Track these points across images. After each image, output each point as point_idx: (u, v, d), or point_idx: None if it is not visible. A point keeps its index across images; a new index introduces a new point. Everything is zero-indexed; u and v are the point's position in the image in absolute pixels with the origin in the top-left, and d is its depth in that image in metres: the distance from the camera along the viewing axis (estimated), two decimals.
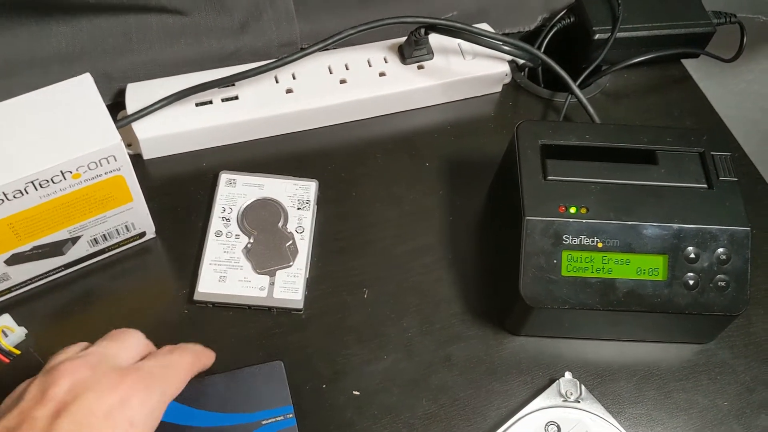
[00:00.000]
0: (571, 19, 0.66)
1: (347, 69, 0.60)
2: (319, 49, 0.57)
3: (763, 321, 0.54)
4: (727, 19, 0.68)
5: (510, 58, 0.62)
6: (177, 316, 0.51)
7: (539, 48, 0.65)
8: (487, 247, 0.56)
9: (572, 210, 0.48)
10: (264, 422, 0.45)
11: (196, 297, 0.51)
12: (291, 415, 0.46)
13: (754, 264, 0.56)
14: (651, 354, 0.52)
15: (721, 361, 0.52)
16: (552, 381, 0.50)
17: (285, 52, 0.59)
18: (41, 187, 0.43)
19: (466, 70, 0.61)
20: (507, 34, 0.66)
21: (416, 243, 0.55)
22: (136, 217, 0.51)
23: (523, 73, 0.66)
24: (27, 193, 0.43)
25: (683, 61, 0.69)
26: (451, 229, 0.56)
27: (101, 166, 0.44)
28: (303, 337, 0.51)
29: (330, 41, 0.57)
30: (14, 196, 0.43)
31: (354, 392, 0.49)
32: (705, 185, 0.50)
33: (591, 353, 0.52)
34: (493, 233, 0.56)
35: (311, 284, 0.53)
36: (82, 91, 0.45)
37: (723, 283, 0.48)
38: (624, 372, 0.51)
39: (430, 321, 0.52)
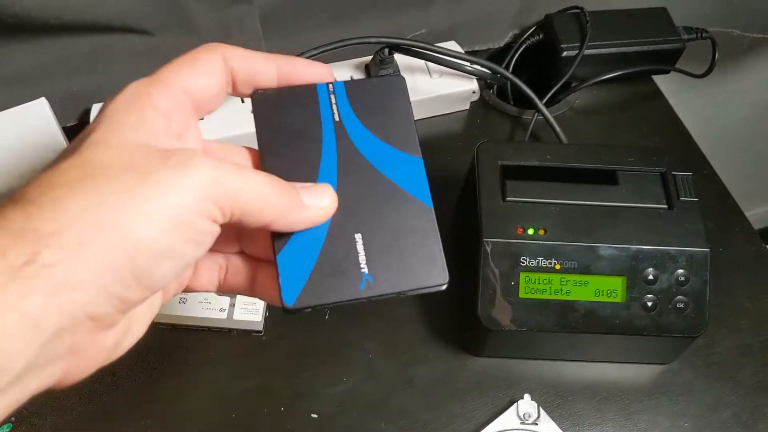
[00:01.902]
0: (540, 36, 0.66)
1: None
2: None
3: (726, 341, 0.54)
4: (698, 35, 0.68)
5: (477, 76, 0.62)
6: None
7: (508, 65, 0.65)
8: (451, 268, 0.55)
9: (530, 231, 0.48)
10: None
11: (156, 319, 0.51)
12: None
13: (719, 282, 0.56)
14: (612, 374, 0.52)
15: (684, 381, 0.52)
16: (512, 403, 0.49)
17: None
18: None
19: (433, 88, 0.61)
20: (476, 52, 0.67)
21: None
22: None
23: (491, 91, 0.66)
24: None
25: (654, 77, 0.69)
26: None
27: None
28: (263, 359, 0.51)
29: None
30: None
31: (312, 415, 0.49)
32: (665, 206, 0.50)
33: (552, 374, 0.51)
34: (456, 253, 0.56)
35: (272, 306, 0.53)
36: (37, 116, 0.45)
37: (682, 305, 0.48)
38: (585, 393, 0.51)
39: (393, 343, 0.52)
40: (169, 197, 0.26)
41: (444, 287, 0.33)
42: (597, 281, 0.48)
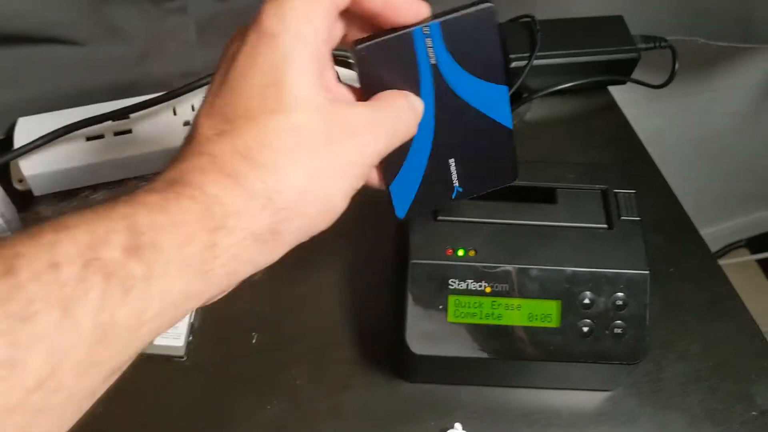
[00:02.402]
0: None
1: None
2: None
3: (674, 366, 0.51)
4: (657, 44, 0.66)
5: None
6: None
7: None
8: (386, 290, 0.53)
9: (460, 252, 0.46)
10: None
11: None
12: None
13: (669, 304, 0.53)
14: (552, 401, 0.49)
15: (628, 409, 0.49)
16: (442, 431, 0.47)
17: (186, 83, 0.57)
18: None
19: None
20: None
21: (311, 285, 0.53)
22: None
23: None
24: None
25: (613, 87, 0.66)
26: (351, 271, 0.54)
27: None
28: (184, 386, 0.48)
29: None
30: None
31: None
32: (605, 225, 0.48)
33: (487, 401, 0.49)
34: (392, 276, 0.54)
35: (195, 330, 0.50)
36: None
37: (620, 330, 0.46)
38: (522, 421, 0.48)
39: (320, 368, 0.50)
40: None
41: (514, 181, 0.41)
42: (530, 305, 0.46)
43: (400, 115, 0.35)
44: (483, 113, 0.38)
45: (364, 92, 0.35)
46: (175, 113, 0.57)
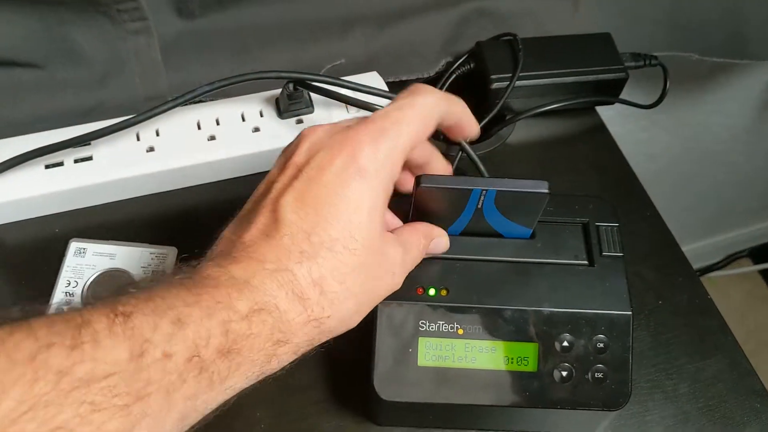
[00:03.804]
0: (471, 66, 0.61)
1: (218, 124, 0.55)
2: (183, 103, 0.53)
3: (661, 407, 0.48)
4: (647, 62, 0.63)
5: None
6: None
7: None
8: (360, 329, 0.50)
9: (431, 292, 0.43)
10: None
11: None
12: None
13: (657, 340, 0.51)
14: None
15: None
16: None
17: (152, 107, 0.54)
18: None
19: None
20: (404, 82, 0.61)
21: None
22: None
23: None
24: None
25: (598, 108, 0.64)
26: None
27: None
28: None
29: (195, 95, 0.52)
30: None
31: None
32: (585, 262, 0.45)
33: None
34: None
35: None
36: None
37: (601, 375, 0.43)
38: None
39: (286, 411, 0.47)
40: None
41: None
42: (506, 348, 0.43)
43: (421, 254, 0.41)
44: (503, 235, 0.45)
45: (412, 215, 0.42)
46: (138, 139, 0.54)
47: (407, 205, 0.44)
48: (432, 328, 0.43)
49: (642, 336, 0.51)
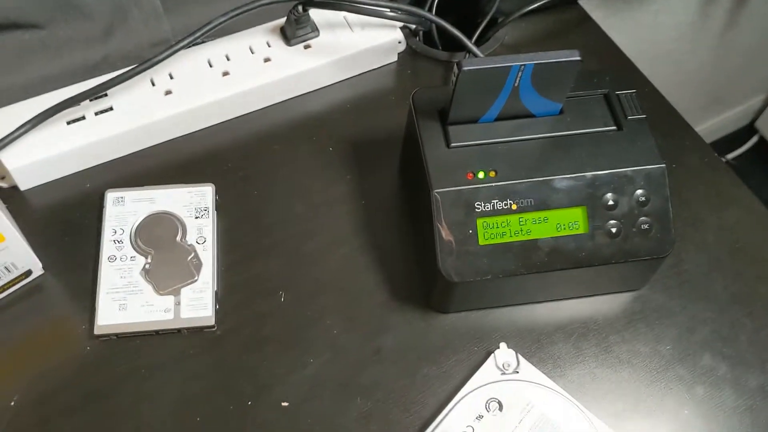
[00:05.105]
0: None
1: (228, 60, 0.56)
2: (190, 44, 0.53)
3: (693, 258, 0.52)
4: None
5: (401, 24, 0.58)
6: (79, 355, 0.47)
7: (430, 7, 0.61)
8: (403, 227, 0.53)
9: (480, 175, 0.46)
10: None
11: (96, 331, 0.47)
12: None
13: (678, 199, 0.54)
14: (585, 310, 0.50)
15: (657, 305, 0.50)
16: (488, 354, 0.47)
17: (159, 52, 0.55)
18: None
19: (355, 42, 0.58)
20: None
21: (329, 235, 0.52)
22: (15, 256, 0.46)
23: (417, 38, 0.62)
24: None
25: (582, 1, 0.66)
26: (365, 215, 0.53)
27: None
28: (220, 355, 0.47)
29: (199, 33, 0.53)
30: None
31: (283, 404, 0.45)
32: (614, 127, 0.48)
33: (524, 319, 0.49)
34: (408, 211, 0.53)
35: (221, 297, 0.49)
36: None
37: (646, 226, 0.46)
38: (560, 333, 0.49)
39: (354, 315, 0.49)
40: None
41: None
42: (557, 215, 0.46)
43: None
44: (535, 115, 0.47)
45: (452, 103, 0.44)
46: (153, 84, 0.54)
47: (444, 96, 0.46)
48: (487, 208, 0.45)
49: None
